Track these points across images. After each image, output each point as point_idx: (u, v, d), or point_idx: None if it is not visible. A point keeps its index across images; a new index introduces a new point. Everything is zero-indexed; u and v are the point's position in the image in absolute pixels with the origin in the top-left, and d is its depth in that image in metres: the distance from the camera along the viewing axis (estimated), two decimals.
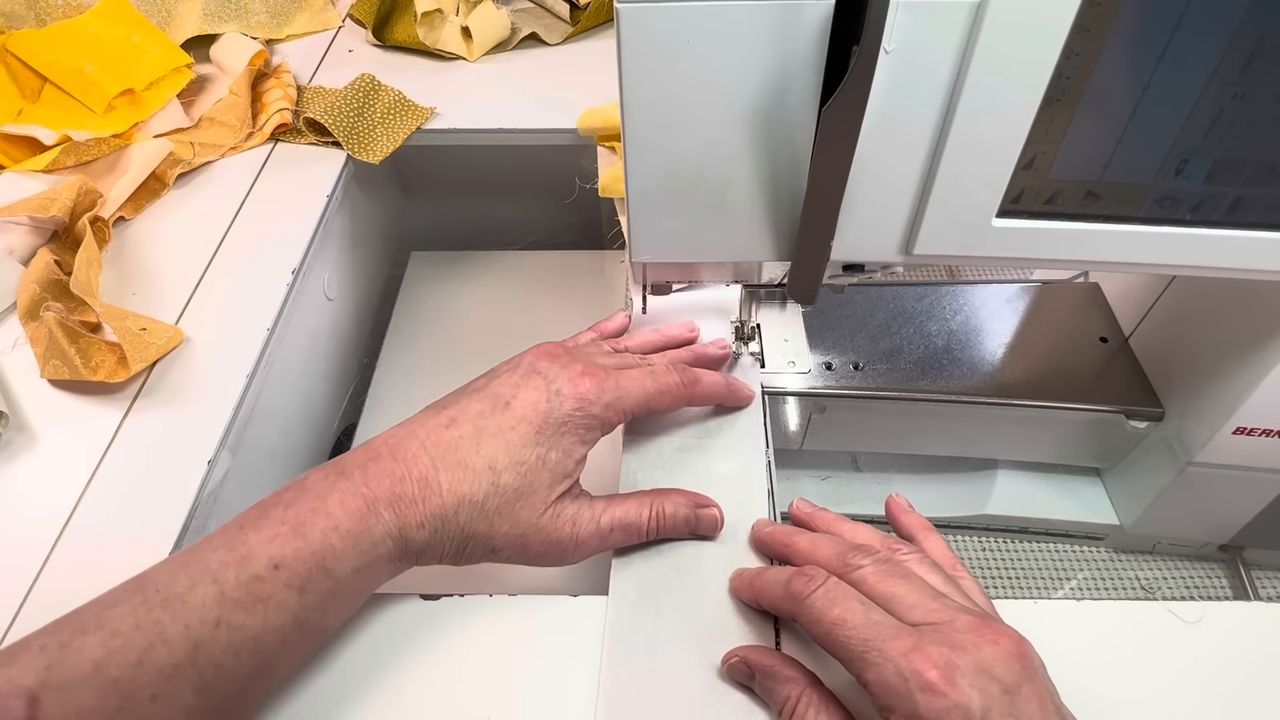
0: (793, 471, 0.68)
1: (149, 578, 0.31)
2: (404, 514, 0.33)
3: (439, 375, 0.68)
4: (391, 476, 0.34)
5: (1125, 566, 0.63)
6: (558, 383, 0.37)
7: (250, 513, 0.33)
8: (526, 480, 0.35)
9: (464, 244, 0.79)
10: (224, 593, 0.30)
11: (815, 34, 0.31)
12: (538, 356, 0.39)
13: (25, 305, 0.49)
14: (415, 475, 0.34)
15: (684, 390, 0.41)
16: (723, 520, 0.40)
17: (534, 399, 0.36)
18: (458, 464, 0.34)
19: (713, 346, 0.48)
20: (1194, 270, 0.37)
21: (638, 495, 0.39)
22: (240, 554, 0.31)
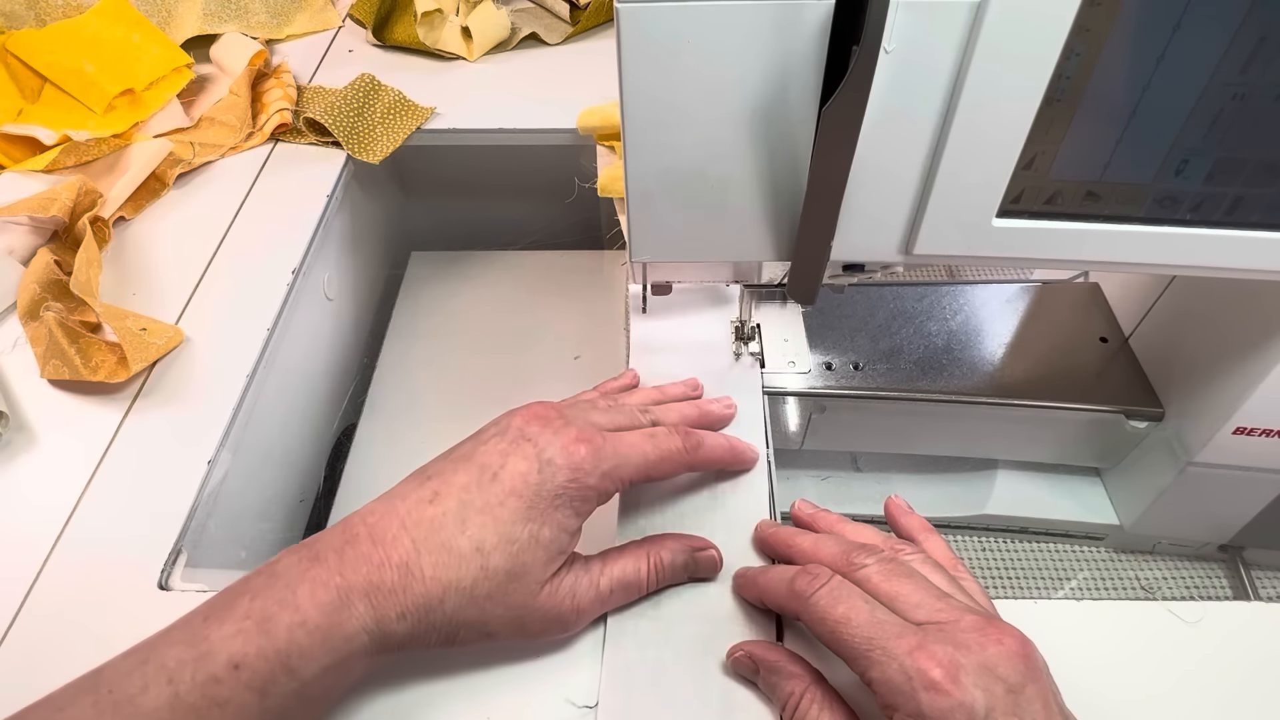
0: (793, 471, 0.68)
1: (104, 675, 0.29)
2: (382, 605, 0.31)
3: (439, 375, 0.68)
4: (369, 563, 0.31)
5: (1125, 566, 0.63)
6: (549, 450, 0.34)
7: (218, 600, 0.31)
8: (519, 561, 0.32)
9: (464, 244, 0.79)
10: (179, 695, 0.28)
11: (815, 34, 0.31)
12: (527, 420, 0.35)
13: (25, 305, 0.49)
14: (395, 560, 0.31)
15: (685, 456, 0.38)
16: (721, 561, 0.38)
17: (523, 469, 0.33)
18: (441, 546, 0.32)
19: (718, 405, 0.45)
20: (1194, 270, 0.37)
21: (632, 548, 0.37)
22: (199, 650, 0.29)
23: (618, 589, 0.36)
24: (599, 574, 0.36)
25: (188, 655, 0.29)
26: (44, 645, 0.37)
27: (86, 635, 0.37)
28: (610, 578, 0.36)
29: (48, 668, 0.36)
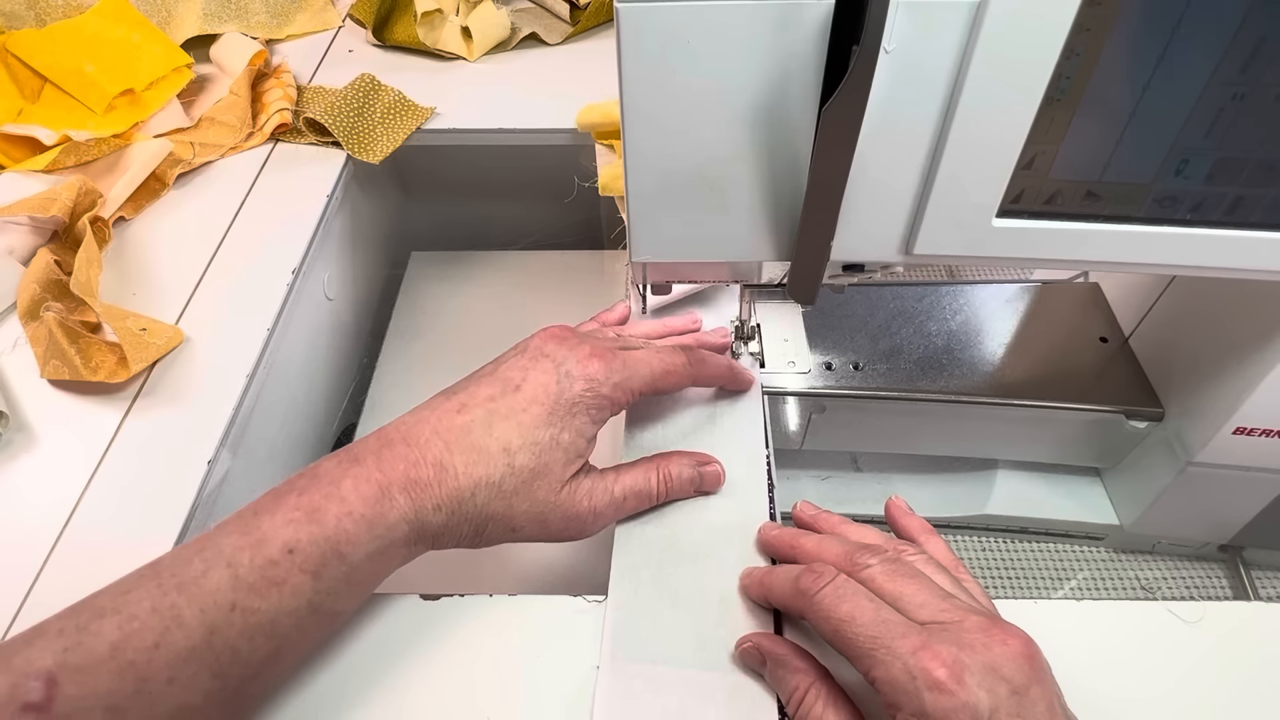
0: (793, 471, 0.68)
1: (164, 563, 0.31)
2: (419, 497, 0.33)
3: (439, 375, 0.68)
4: (406, 461, 0.34)
5: (1125, 566, 0.63)
6: (566, 364, 0.37)
7: (264, 499, 0.33)
8: (541, 460, 0.36)
9: (464, 244, 0.79)
10: (238, 577, 0.30)
11: (815, 34, 0.31)
12: (545, 339, 0.39)
13: (25, 305, 0.49)
14: (430, 459, 0.34)
15: (689, 370, 0.41)
16: (724, 475, 0.41)
17: (544, 381, 0.37)
18: (472, 447, 0.35)
19: (714, 335, 0.49)
20: (1194, 270, 0.37)
21: (642, 463, 0.40)
22: (255, 538, 0.31)
23: (630, 496, 0.39)
24: (613, 481, 0.39)
25: (243, 542, 0.31)
26: None
27: None
28: (623, 485, 0.39)
29: None
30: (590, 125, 0.62)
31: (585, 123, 0.62)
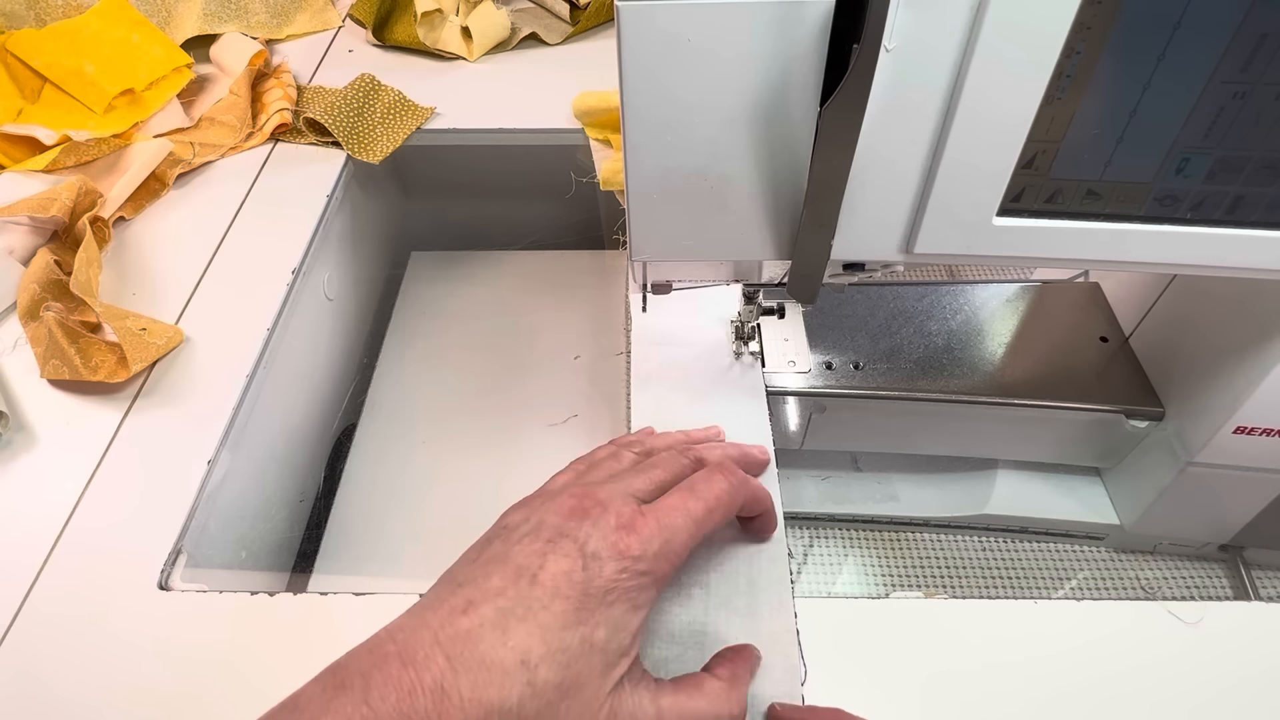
0: (793, 471, 0.68)
1: None
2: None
3: (439, 375, 0.68)
4: (399, 689, 0.27)
5: (1125, 566, 0.63)
6: (592, 542, 0.30)
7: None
8: (571, 672, 0.28)
9: (464, 244, 0.79)
10: None
11: (816, 33, 0.31)
12: (562, 516, 0.31)
13: (25, 305, 0.49)
14: (428, 684, 0.27)
15: (733, 496, 0.34)
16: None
17: (566, 567, 0.30)
18: (479, 663, 0.28)
19: (757, 450, 0.41)
20: (1194, 269, 0.37)
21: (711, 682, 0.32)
22: None
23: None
24: (669, 706, 0.31)
25: None
26: (44, 645, 0.37)
27: (87, 635, 0.37)
28: (680, 712, 0.31)
29: (48, 667, 0.36)
30: (586, 111, 0.61)
31: (581, 108, 0.61)
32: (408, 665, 0.28)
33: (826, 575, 0.64)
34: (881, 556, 0.65)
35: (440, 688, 0.27)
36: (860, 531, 0.67)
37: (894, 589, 0.63)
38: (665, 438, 0.41)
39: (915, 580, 0.64)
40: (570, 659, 0.28)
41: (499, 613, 0.29)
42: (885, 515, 0.66)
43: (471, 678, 0.27)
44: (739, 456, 0.40)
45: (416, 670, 0.27)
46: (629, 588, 0.30)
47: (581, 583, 0.29)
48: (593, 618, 0.29)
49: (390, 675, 0.27)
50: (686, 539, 0.32)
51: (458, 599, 0.30)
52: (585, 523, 0.31)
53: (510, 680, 0.28)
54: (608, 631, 0.29)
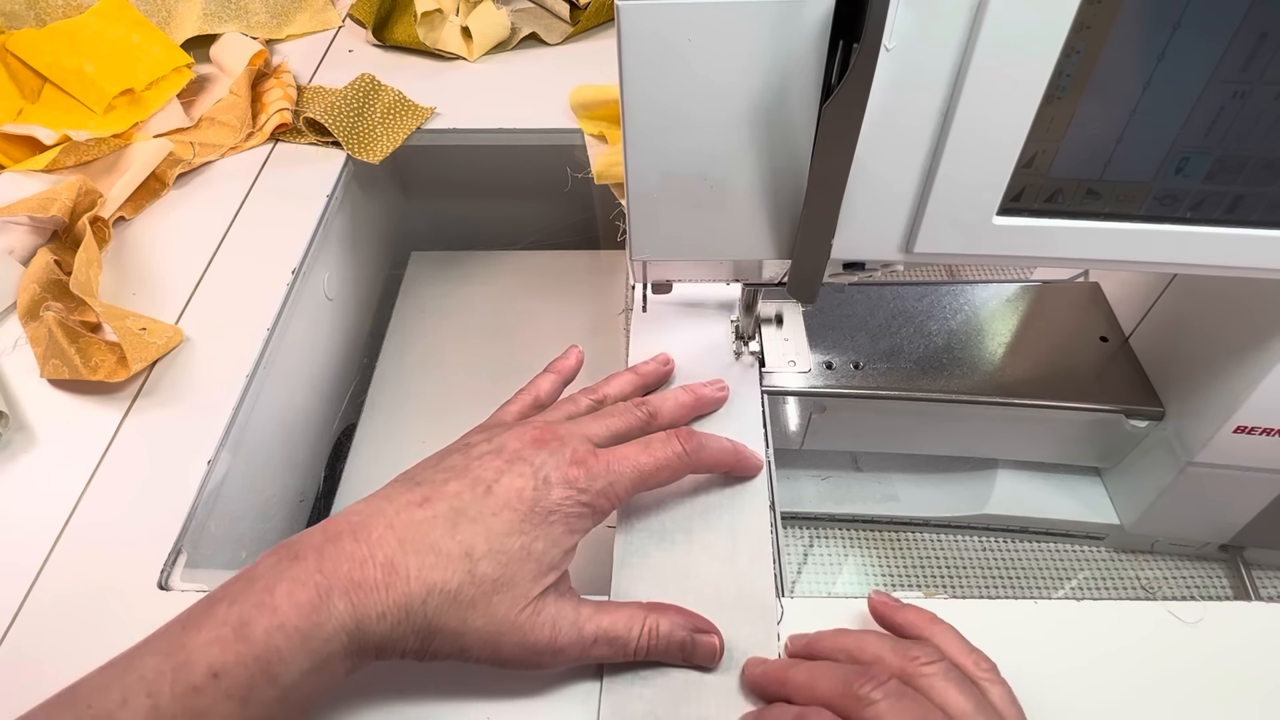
0: (793, 471, 0.68)
1: (82, 689, 0.28)
2: (362, 603, 0.30)
3: (439, 375, 0.68)
4: (351, 559, 0.30)
5: (1125, 566, 0.63)
6: (545, 469, 0.34)
7: (196, 608, 0.30)
8: (507, 571, 0.32)
9: (464, 244, 0.79)
10: (158, 707, 0.27)
11: (815, 32, 0.31)
12: (525, 444, 0.35)
13: (25, 305, 0.49)
14: (379, 558, 0.30)
15: (685, 460, 0.37)
16: (721, 652, 0.35)
17: (519, 485, 0.33)
18: (430, 547, 0.31)
19: (710, 389, 0.44)
20: (1194, 269, 0.37)
21: (631, 606, 0.35)
22: (178, 660, 0.28)
23: (602, 640, 0.33)
24: (587, 617, 0.33)
25: (166, 665, 0.28)
26: (44, 645, 0.37)
27: (87, 635, 0.37)
28: (597, 625, 0.33)
29: (48, 667, 0.36)
30: (583, 104, 0.61)
31: (578, 101, 0.61)
32: (360, 541, 0.31)
33: (826, 575, 0.64)
34: (881, 556, 0.65)
35: (390, 562, 0.30)
36: (860, 531, 0.67)
37: (894, 589, 0.63)
38: (617, 381, 0.44)
39: (915, 580, 0.64)
40: (509, 560, 0.32)
41: (452, 511, 0.32)
42: (885, 515, 0.66)
43: (420, 559, 0.31)
44: (692, 403, 0.43)
45: (369, 546, 0.31)
46: (570, 513, 0.34)
47: (530, 500, 0.33)
48: (534, 530, 0.33)
49: (343, 549, 0.31)
50: (629, 485, 0.36)
51: (414, 494, 0.33)
52: (543, 452, 0.35)
53: (454, 566, 0.31)
54: (544, 545, 0.33)
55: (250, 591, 0.29)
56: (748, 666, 0.34)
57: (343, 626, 0.29)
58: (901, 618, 0.34)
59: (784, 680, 0.32)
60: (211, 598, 0.30)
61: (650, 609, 0.35)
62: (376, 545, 0.31)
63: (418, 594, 0.30)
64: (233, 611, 0.29)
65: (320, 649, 0.29)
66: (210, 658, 0.28)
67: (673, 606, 0.36)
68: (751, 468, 0.42)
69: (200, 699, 0.28)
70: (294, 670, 0.29)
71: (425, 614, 0.31)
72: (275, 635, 0.28)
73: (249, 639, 0.28)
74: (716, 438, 0.40)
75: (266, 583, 0.30)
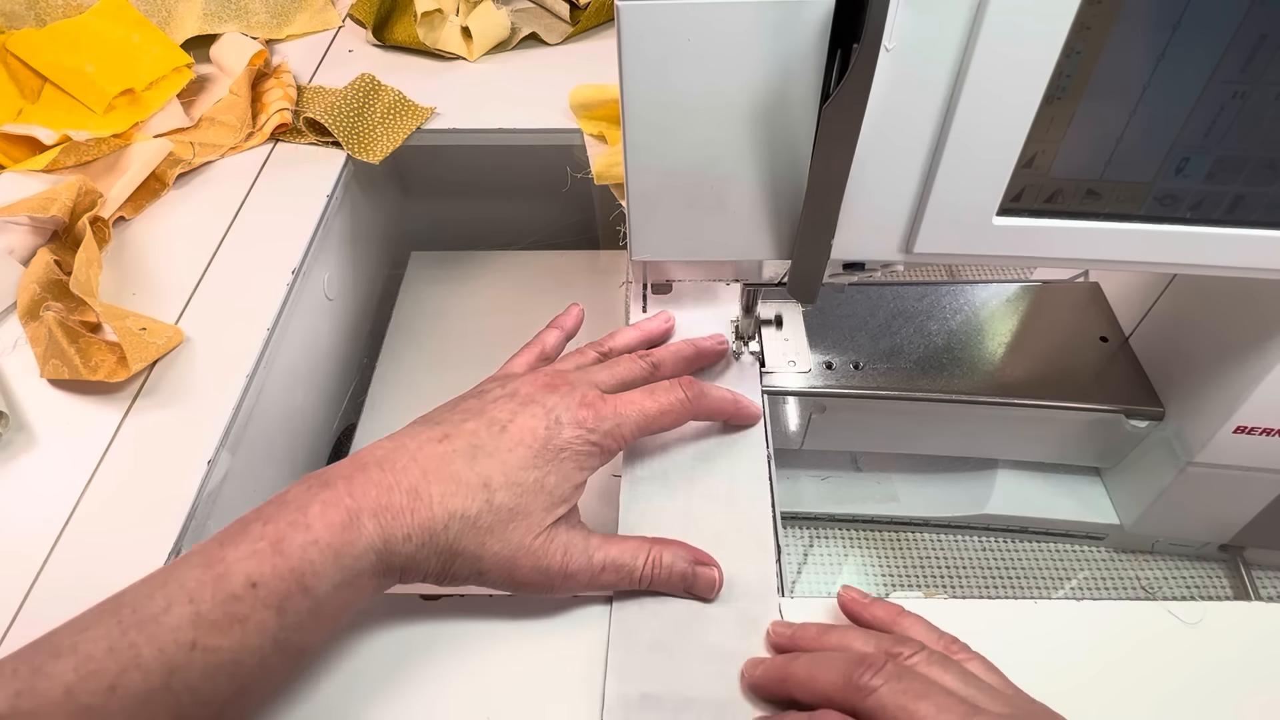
0: (793, 471, 0.68)
1: (125, 598, 0.30)
2: (389, 525, 0.32)
3: (439, 375, 0.68)
4: (379, 486, 0.32)
5: (1125, 566, 0.63)
6: (557, 410, 0.36)
7: (231, 528, 0.32)
8: (522, 501, 0.34)
9: (464, 244, 0.79)
10: (200, 613, 0.29)
11: (815, 32, 0.31)
12: (536, 387, 0.37)
13: (25, 305, 0.49)
14: (405, 485, 0.33)
15: (688, 406, 0.40)
16: (721, 582, 0.37)
17: (532, 425, 0.36)
18: (450, 477, 0.33)
19: (710, 341, 0.47)
20: (1194, 269, 0.37)
21: (636, 539, 0.38)
22: (217, 572, 0.30)
23: (609, 567, 0.36)
24: (596, 547, 0.36)
25: (206, 576, 0.30)
26: None
27: None
28: (606, 554, 0.36)
29: None
30: (583, 104, 0.61)
31: (577, 101, 0.61)
32: (386, 470, 0.33)
33: (826, 575, 0.64)
34: (881, 556, 0.65)
35: (415, 489, 0.33)
36: (860, 531, 0.67)
37: (894, 589, 0.63)
38: (622, 336, 0.46)
39: (915, 580, 0.64)
40: (523, 491, 0.34)
41: (470, 447, 0.35)
42: (885, 515, 0.66)
43: (442, 487, 0.33)
44: (693, 354, 0.45)
45: (395, 475, 0.33)
46: (579, 451, 0.36)
47: (543, 438, 0.35)
48: (546, 466, 0.35)
49: (371, 477, 0.33)
50: (634, 428, 0.38)
51: (434, 432, 0.35)
52: (554, 395, 0.37)
53: (473, 495, 0.33)
54: (556, 479, 0.35)
55: (284, 512, 0.31)
56: (746, 669, 0.35)
57: (371, 546, 0.31)
58: (870, 614, 0.36)
59: (784, 677, 0.33)
60: (245, 519, 0.32)
61: (654, 542, 0.37)
62: (402, 474, 0.33)
63: (440, 518, 0.33)
64: (268, 529, 0.31)
65: (351, 565, 0.31)
66: (248, 569, 0.30)
67: (675, 541, 0.38)
68: (750, 416, 0.44)
69: (239, 606, 0.29)
70: (326, 583, 0.31)
71: (447, 537, 0.33)
72: (310, 550, 0.30)
73: (285, 553, 0.30)
74: (717, 387, 0.43)
75: (300, 504, 0.32)
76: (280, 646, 0.30)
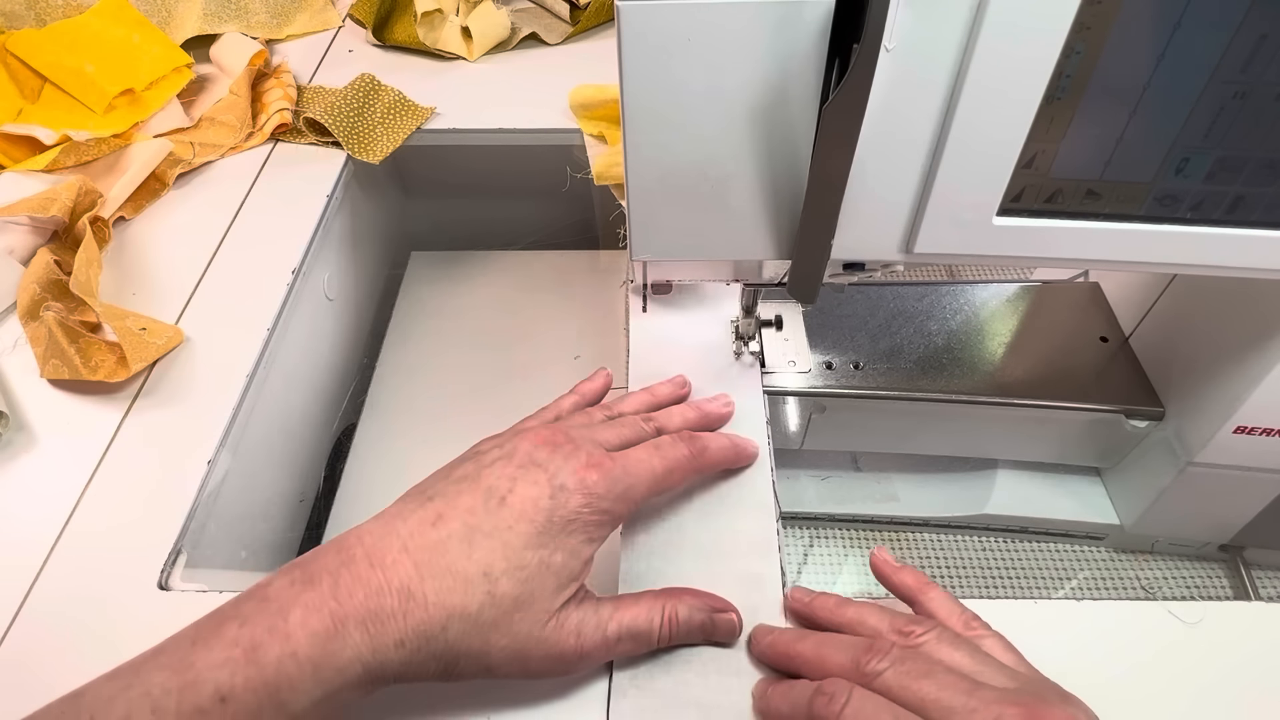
0: (793, 471, 0.68)
1: (86, 698, 0.28)
2: (379, 633, 0.29)
3: (439, 375, 0.68)
4: (366, 587, 0.29)
5: (1125, 566, 0.63)
6: (561, 476, 0.33)
7: (206, 623, 0.29)
8: (527, 588, 0.31)
9: (464, 244, 0.79)
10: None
11: (816, 32, 0.31)
12: (535, 445, 0.34)
13: (25, 305, 0.49)
14: (395, 585, 0.30)
15: (692, 462, 0.38)
16: (740, 626, 0.36)
17: (534, 495, 0.32)
18: (446, 570, 0.30)
19: (716, 404, 0.44)
20: (1194, 269, 0.37)
21: (648, 597, 0.35)
22: (186, 679, 0.27)
23: (625, 637, 0.33)
24: (608, 617, 0.33)
25: (173, 684, 0.27)
26: (44, 645, 0.37)
27: (87, 635, 0.37)
28: (619, 624, 0.33)
29: (48, 667, 0.36)
30: (583, 104, 0.61)
31: (577, 101, 0.61)
32: (375, 567, 0.30)
33: (826, 575, 0.64)
34: None
35: (407, 589, 0.30)
36: (860, 531, 0.67)
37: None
38: (631, 400, 0.43)
39: None
40: (528, 576, 0.31)
41: (466, 529, 0.31)
42: (885, 515, 0.66)
43: (436, 583, 0.30)
44: (698, 419, 0.43)
45: (385, 573, 0.30)
46: (588, 522, 0.33)
47: (547, 510, 0.32)
48: (552, 543, 0.32)
49: (359, 574, 0.30)
50: (645, 489, 0.35)
51: (427, 512, 0.32)
52: (557, 455, 0.34)
53: (473, 589, 0.30)
54: (564, 557, 0.32)
55: (263, 613, 0.29)
56: (755, 635, 0.35)
57: (358, 656, 0.29)
58: (898, 579, 0.35)
59: (792, 654, 0.33)
60: (222, 614, 0.30)
61: (667, 596, 0.35)
62: (392, 571, 0.30)
63: (437, 620, 0.30)
64: (244, 633, 0.28)
65: (333, 679, 0.29)
66: (219, 680, 0.27)
67: (687, 590, 0.36)
68: (749, 458, 0.43)
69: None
70: (304, 699, 0.28)
71: (446, 640, 0.30)
72: (287, 663, 0.28)
73: (260, 664, 0.28)
74: (716, 436, 0.41)
75: (279, 605, 0.29)
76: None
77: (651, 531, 0.40)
